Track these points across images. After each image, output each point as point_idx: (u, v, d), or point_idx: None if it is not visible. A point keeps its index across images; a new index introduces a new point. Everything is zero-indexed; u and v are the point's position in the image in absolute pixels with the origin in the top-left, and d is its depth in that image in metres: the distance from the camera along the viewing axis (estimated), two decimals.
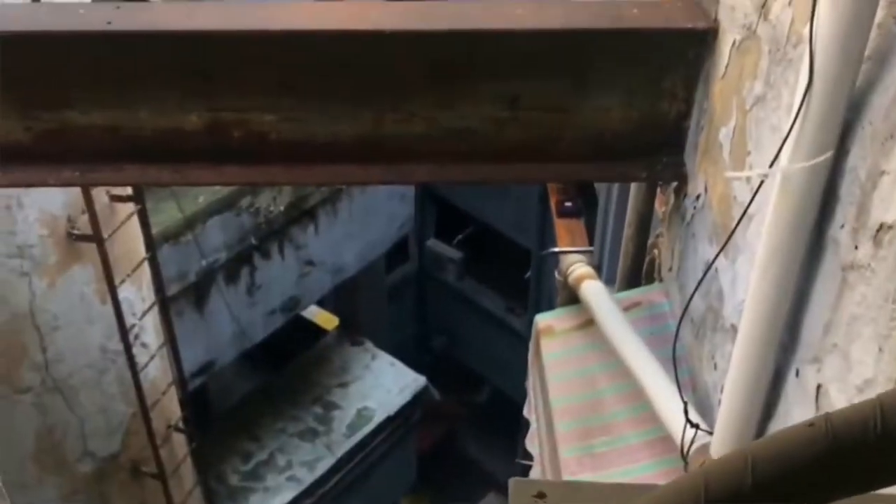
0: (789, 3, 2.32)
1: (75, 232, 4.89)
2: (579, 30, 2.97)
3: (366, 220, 8.99)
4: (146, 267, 5.53)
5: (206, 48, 2.98)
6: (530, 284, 11.80)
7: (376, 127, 3.12)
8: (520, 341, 10.52)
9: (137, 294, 5.52)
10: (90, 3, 3.14)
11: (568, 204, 8.24)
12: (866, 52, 1.93)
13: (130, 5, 3.05)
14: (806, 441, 1.01)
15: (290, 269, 8.29)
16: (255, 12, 3.11)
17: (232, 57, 3.00)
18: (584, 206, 8.15)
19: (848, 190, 2.01)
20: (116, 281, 5.03)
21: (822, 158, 2.02)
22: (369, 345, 10.34)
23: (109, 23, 2.92)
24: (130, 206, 5.14)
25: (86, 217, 4.78)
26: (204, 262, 7.16)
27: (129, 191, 5.07)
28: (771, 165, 2.16)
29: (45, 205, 4.73)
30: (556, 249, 7.24)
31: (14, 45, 2.95)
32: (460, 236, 13.12)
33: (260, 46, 2.99)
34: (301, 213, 8.07)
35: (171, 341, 6.01)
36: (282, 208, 7.76)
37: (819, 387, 2.12)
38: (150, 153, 3.20)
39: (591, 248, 6.59)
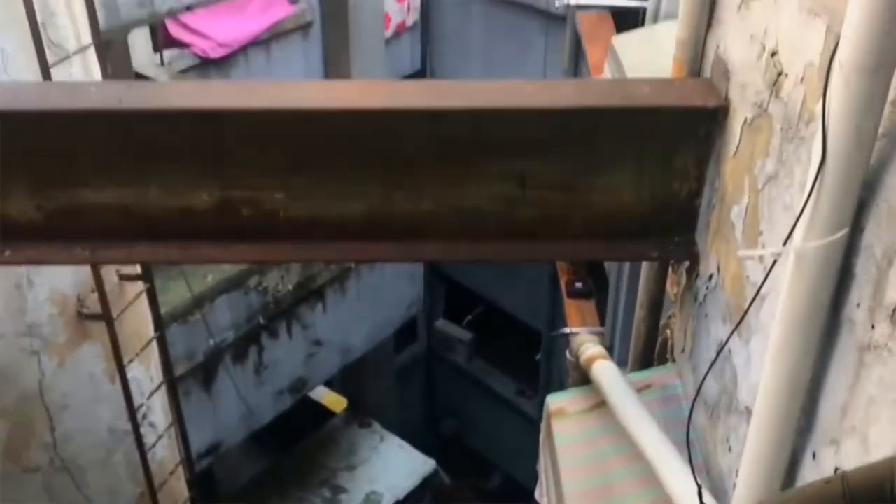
0: (801, 81, 2.32)
1: (85, 311, 4.89)
2: (589, 108, 2.98)
3: (374, 301, 8.97)
4: (154, 346, 5.51)
5: (217, 126, 3.00)
6: (541, 366, 11.69)
7: (385, 204, 3.11)
8: (531, 425, 10.38)
9: (146, 373, 5.50)
10: (102, 82, 3.18)
11: (578, 284, 8.24)
12: (880, 130, 1.92)
13: (142, 83, 3.08)
14: (823, 499, 0.98)
15: (298, 349, 8.26)
16: (266, 90, 3.15)
17: (242, 135, 3.01)
18: (595, 286, 8.13)
19: (863, 268, 1.97)
20: (125, 360, 5.01)
21: (836, 237, 1.99)
22: (377, 426, 10.22)
23: (121, 101, 2.94)
24: (139, 285, 5.14)
25: (95, 296, 4.78)
26: (212, 342, 7.14)
27: (138, 269, 5.08)
28: (784, 244, 2.13)
29: (56, 283, 4.74)
30: (567, 330, 7.21)
31: (26, 124, 2.97)
32: (470, 317, 13.06)
33: (270, 124, 3.01)
34: (309, 293, 8.07)
35: (178, 421, 5.95)
36: (290, 287, 7.76)
37: (837, 470, 2.05)
38: (159, 231, 3.20)
39: (602, 330, 6.55)
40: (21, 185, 3.07)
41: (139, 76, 7.48)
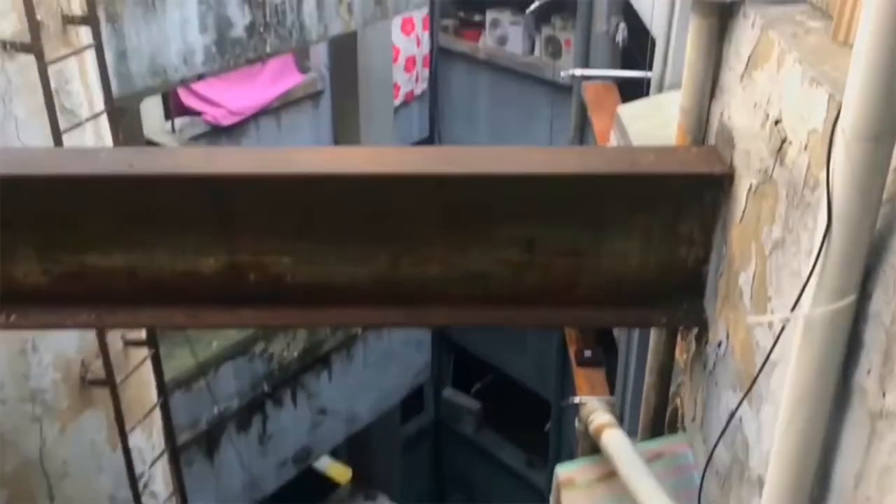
0: (805, 148, 2.33)
1: (89, 376, 4.87)
2: (595, 174, 2.99)
3: (381, 368, 8.92)
4: (157, 413, 5.46)
5: (226, 191, 3.02)
6: (550, 436, 11.56)
7: (392, 269, 3.11)
8: (540, 497, 10.22)
9: (148, 441, 5.44)
10: (113, 148, 3.22)
11: (588, 353, 8.19)
12: (884, 196, 1.92)
13: (152, 149, 3.11)
14: None
15: (303, 418, 8.19)
16: (274, 156, 3.17)
17: (250, 200, 3.03)
18: (605, 355, 8.08)
19: (872, 335, 1.96)
20: (127, 427, 4.97)
21: (843, 303, 1.98)
22: (383, 498, 10.08)
23: (131, 166, 2.97)
24: (144, 351, 5.12)
25: (100, 361, 4.76)
26: (216, 410, 7.09)
27: (143, 335, 5.07)
28: (792, 310, 2.12)
29: (60, 348, 4.73)
30: (576, 400, 7.15)
31: (36, 188, 3.00)
32: (478, 386, 12.96)
33: (278, 189, 3.03)
34: (315, 360, 8.04)
35: (180, 491, 5.87)
36: (295, 354, 7.73)
37: None
38: (166, 296, 3.19)
39: (612, 399, 6.49)
40: (29, 249, 3.08)
41: (150, 143, 7.58)
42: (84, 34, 4.38)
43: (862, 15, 1.83)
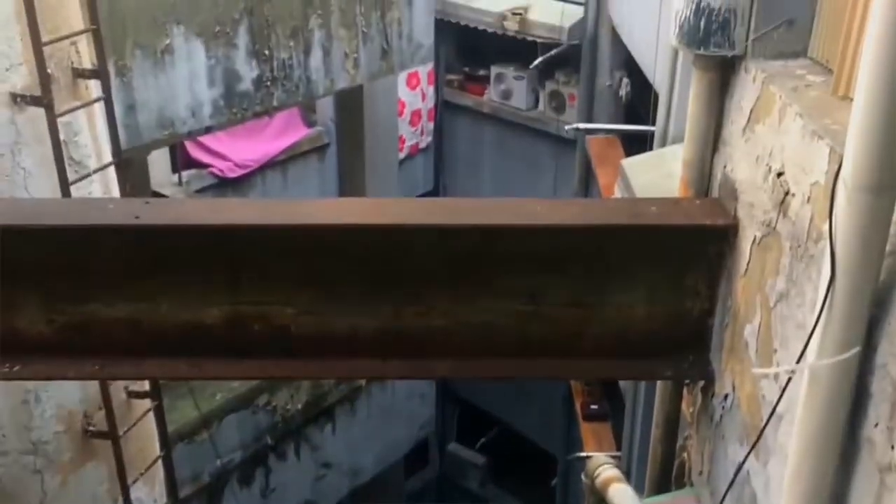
0: (808, 200, 2.34)
1: (91, 428, 4.83)
2: (598, 226, 3.00)
3: (385, 421, 8.86)
4: (160, 466, 5.41)
5: (231, 242, 3.03)
6: (556, 491, 11.41)
7: (396, 321, 3.11)
8: None
9: (150, 494, 5.38)
10: (119, 199, 3.24)
11: (594, 407, 8.14)
12: (887, 248, 1.92)
13: (159, 200, 3.14)
14: None
15: (306, 471, 8.12)
16: (280, 208, 3.20)
17: (255, 251, 3.04)
18: (611, 408, 8.02)
19: (879, 387, 1.95)
20: (129, 480, 4.91)
21: (848, 354, 1.98)
22: None
23: (138, 217, 2.99)
24: (147, 403, 5.09)
25: (102, 413, 4.73)
26: (219, 462, 7.03)
27: (146, 386, 5.04)
28: (798, 362, 2.11)
29: (63, 400, 4.69)
30: (583, 454, 7.08)
31: (43, 239, 3.01)
32: (483, 440, 12.84)
33: (283, 240, 3.04)
34: (318, 413, 7.99)
35: None
36: (299, 407, 7.69)
37: None
38: (170, 347, 3.19)
39: (618, 453, 6.43)
40: (34, 299, 3.09)
41: (157, 195, 7.62)
42: (94, 87, 4.44)
43: (861, 70, 1.86)
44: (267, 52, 6.41)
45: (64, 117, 4.15)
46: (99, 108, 4.51)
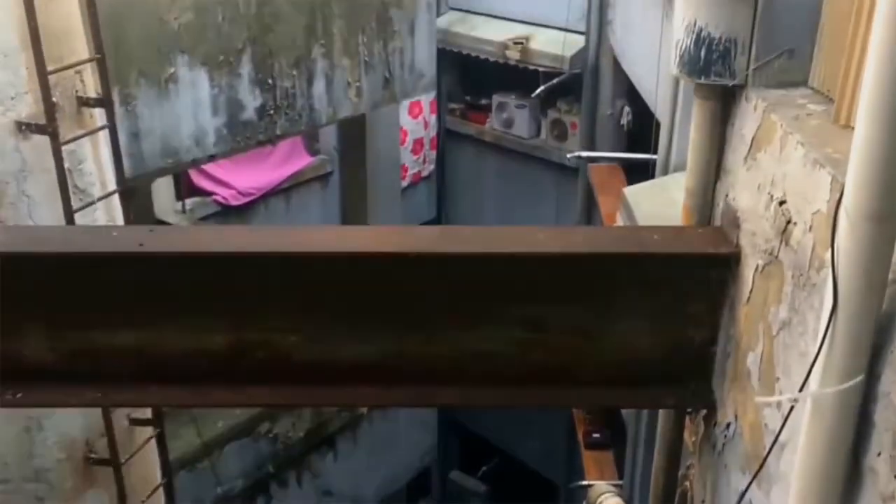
0: (809, 229, 2.35)
1: (93, 456, 4.82)
2: (601, 254, 3.01)
3: (387, 449, 8.83)
4: (161, 493, 5.38)
5: (235, 269, 3.04)
6: None
7: (399, 349, 3.11)
8: None
9: None
10: (124, 227, 3.25)
11: (596, 435, 8.09)
12: (890, 276, 1.93)
13: (163, 228, 3.15)
14: None
15: (308, 500, 8.07)
16: (283, 235, 3.20)
17: (259, 278, 3.05)
18: (613, 437, 7.98)
19: (882, 416, 1.94)
20: None
21: (851, 383, 1.98)
22: None
23: (142, 245, 3.00)
24: (149, 430, 5.07)
25: (104, 440, 4.71)
26: (220, 490, 7.00)
27: (148, 414, 5.03)
28: (800, 390, 2.11)
29: (65, 427, 4.68)
30: (585, 483, 7.04)
31: (47, 267, 3.02)
32: (485, 468, 12.77)
33: (286, 268, 3.05)
34: (320, 441, 7.96)
35: None
36: (301, 434, 7.66)
37: None
38: (173, 374, 3.19)
39: (620, 482, 6.39)
40: (37, 326, 3.10)
41: (161, 222, 7.64)
42: (98, 115, 4.46)
43: (862, 99, 1.87)
44: (270, 81, 6.45)
45: (69, 145, 4.17)
46: (103, 137, 4.54)
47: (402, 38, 7.45)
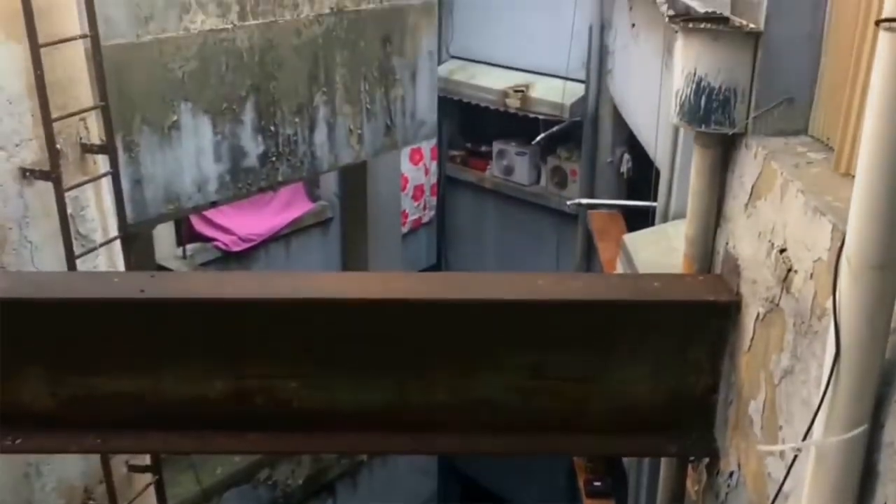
0: (811, 277, 2.35)
1: (92, 502, 4.78)
2: (601, 301, 3.01)
3: (387, 497, 8.72)
4: None
5: (235, 316, 3.04)
6: None
7: (399, 395, 3.10)
8: None
9: None
10: (125, 273, 3.25)
11: (597, 483, 8.00)
12: (893, 325, 1.93)
13: (164, 274, 3.15)
14: None
15: None
16: (283, 281, 3.21)
17: (259, 324, 3.05)
18: (614, 485, 7.90)
19: (887, 465, 1.93)
20: None
21: (855, 433, 1.96)
22: None
23: (143, 290, 3.00)
24: (148, 477, 5.03)
25: (103, 487, 4.67)
26: None
27: (147, 460, 4.99)
28: (804, 439, 2.10)
29: (64, 473, 4.65)
30: None
31: (48, 312, 3.02)
32: None
33: (286, 314, 3.05)
34: (320, 487, 7.87)
35: None
36: (300, 482, 7.58)
37: None
38: (172, 420, 3.18)
39: None
40: (37, 371, 3.09)
41: (162, 268, 7.64)
42: (101, 162, 4.49)
43: (862, 147, 1.88)
44: (273, 128, 6.49)
45: (72, 191, 4.20)
46: (106, 183, 4.56)
47: (403, 86, 7.52)
